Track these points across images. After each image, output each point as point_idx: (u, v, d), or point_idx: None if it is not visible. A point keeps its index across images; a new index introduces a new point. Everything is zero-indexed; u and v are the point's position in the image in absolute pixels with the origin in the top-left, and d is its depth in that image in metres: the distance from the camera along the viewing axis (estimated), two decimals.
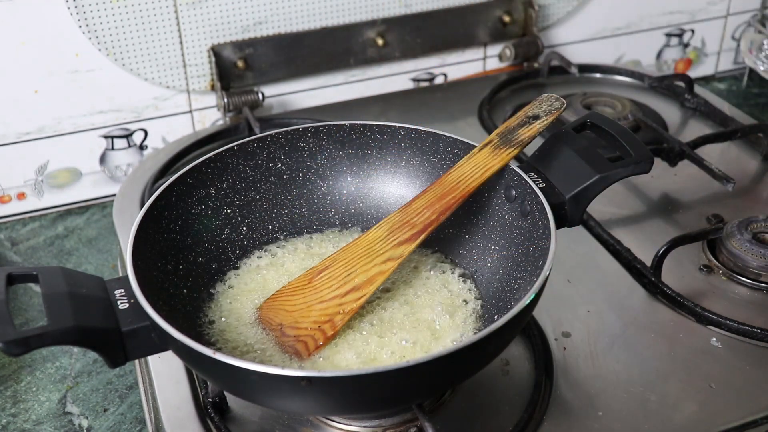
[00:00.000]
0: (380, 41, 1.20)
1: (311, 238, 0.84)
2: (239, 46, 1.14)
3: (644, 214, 1.01)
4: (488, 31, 1.28)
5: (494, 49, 1.32)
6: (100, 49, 1.07)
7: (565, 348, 0.80)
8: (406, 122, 0.83)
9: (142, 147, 1.16)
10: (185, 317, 0.71)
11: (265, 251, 0.82)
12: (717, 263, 0.90)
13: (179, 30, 1.10)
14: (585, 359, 0.78)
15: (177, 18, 1.09)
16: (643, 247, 0.91)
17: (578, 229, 0.94)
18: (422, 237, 0.72)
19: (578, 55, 1.36)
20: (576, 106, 1.17)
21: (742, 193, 1.04)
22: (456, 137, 0.80)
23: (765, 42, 1.36)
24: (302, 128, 0.83)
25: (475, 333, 0.72)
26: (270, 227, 0.83)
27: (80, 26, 1.05)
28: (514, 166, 0.75)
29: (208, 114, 1.18)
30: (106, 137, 1.13)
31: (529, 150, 0.79)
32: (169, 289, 0.71)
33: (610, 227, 0.96)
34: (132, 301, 0.63)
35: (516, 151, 0.74)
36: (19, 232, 1.11)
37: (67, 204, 1.16)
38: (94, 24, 1.06)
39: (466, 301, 0.76)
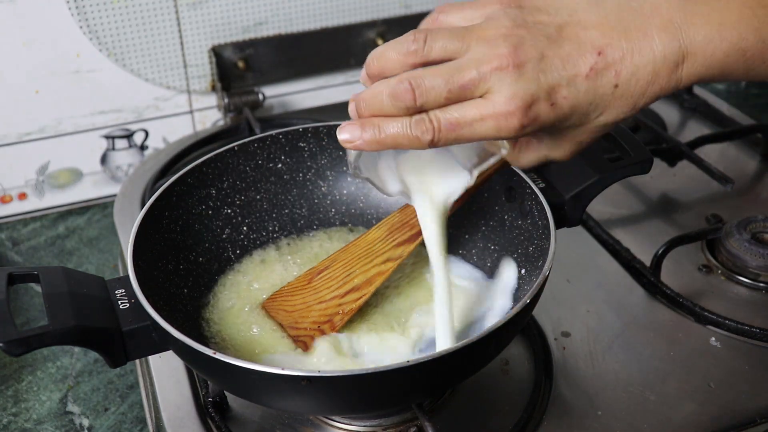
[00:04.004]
0: (380, 42, 1.20)
1: (311, 238, 0.84)
2: (240, 46, 1.14)
3: (643, 214, 1.01)
4: None
5: None
6: (100, 50, 1.08)
7: (564, 348, 0.80)
8: None
9: (142, 147, 1.16)
10: (186, 317, 0.71)
11: (265, 251, 0.82)
12: (716, 263, 0.90)
13: (180, 30, 1.11)
14: (584, 359, 0.78)
15: (177, 18, 1.10)
16: (642, 247, 0.91)
17: (578, 229, 0.94)
18: (421, 238, 0.72)
19: None
20: None
21: (741, 193, 1.04)
22: None
23: None
24: (302, 128, 0.83)
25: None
26: (270, 227, 0.83)
27: (81, 27, 1.05)
28: (514, 166, 0.75)
29: (209, 114, 1.19)
30: (107, 137, 1.14)
31: None
32: (169, 289, 0.72)
33: (610, 227, 0.96)
34: (133, 300, 0.63)
35: None
36: (20, 232, 1.12)
37: (68, 204, 1.16)
38: (95, 24, 1.06)
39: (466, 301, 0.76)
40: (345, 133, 0.56)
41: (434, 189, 0.65)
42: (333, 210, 0.85)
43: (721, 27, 0.55)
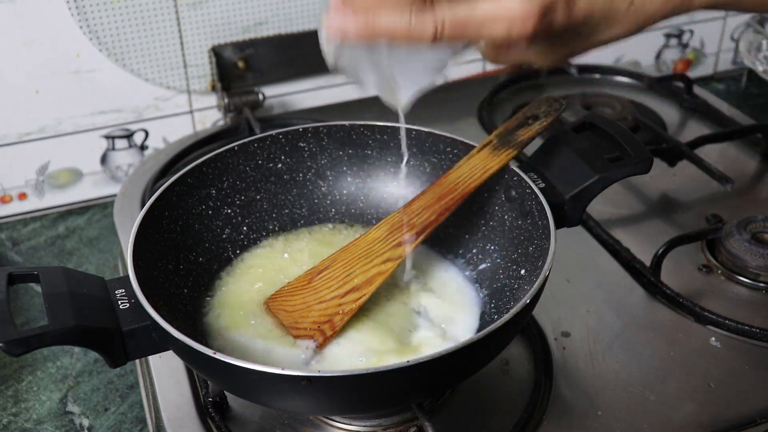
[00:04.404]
0: None
1: (311, 237, 0.84)
2: (240, 46, 1.14)
3: (643, 214, 1.01)
4: None
5: None
6: (100, 50, 1.08)
7: (564, 348, 0.80)
8: (405, 122, 0.83)
9: (142, 147, 1.16)
10: (186, 317, 0.71)
11: (265, 251, 0.82)
12: (716, 263, 0.90)
13: (180, 30, 1.11)
14: (584, 359, 0.78)
15: (177, 18, 1.10)
16: (642, 247, 0.91)
17: (578, 229, 0.94)
18: (421, 238, 0.73)
19: None
20: (575, 107, 1.17)
21: (740, 193, 1.04)
22: (456, 137, 0.80)
23: (764, 43, 1.36)
24: (302, 128, 0.83)
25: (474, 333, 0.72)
26: (270, 227, 0.83)
27: (81, 27, 1.05)
28: (513, 166, 0.75)
29: (209, 114, 1.19)
30: (107, 137, 1.14)
31: (529, 150, 0.80)
32: (169, 288, 0.72)
33: (610, 227, 0.96)
34: (133, 300, 0.63)
35: (515, 152, 0.75)
36: (20, 232, 1.12)
37: (68, 204, 1.16)
38: (95, 24, 1.06)
39: (465, 301, 0.76)
40: (334, 19, 0.50)
41: (412, 81, 0.60)
42: (333, 210, 0.85)
43: None
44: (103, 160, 1.15)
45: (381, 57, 0.56)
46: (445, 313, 0.74)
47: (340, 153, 0.84)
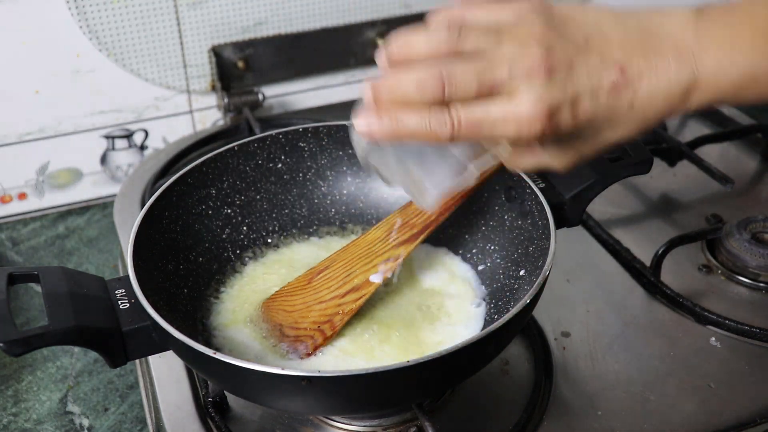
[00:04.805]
0: (380, 42, 1.20)
1: (311, 238, 0.84)
2: (239, 46, 1.14)
3: (643, 214, 1.01)
4: None
5: None
6: (100, 50, 1.08)
7: (564, 348, 0.80)
8: None
9: (142, 147, 1.16)
10: (185, 317, 0.72)
11: (265, 251, 0.82)
12: (716, 263, 0.90)
13: (179, 30, 1.11)
14: (584, 359, 0.78)
15: (177, 18, 1.10)
16: (642, 247, 0.91)
17: (578, 229, 0.94)
18: (421, 237, 0.72)
19: None
20: None
21: (741, 193, 1.04)
22: None
23: None
24: (302, 128, 0.83)
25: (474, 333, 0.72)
26: (270, 227, 0.83)
27: (81, 27, 1.05)
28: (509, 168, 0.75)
29: (209, 114, 1.19)
30: (106, 137, 1.14)
31: None
32: (169, 289, 0.72)
33: (610, 227, 0.96)
34: (133, 300, 0.63)
35: None
36: (20, 232, 1.12)
37: (67, 204, 1.16)
38: (95, 24, 1.06)
39: (465, 301, 0.76)
40: (361, 121, 0.55)
41: (434, 182, 0.63)
42: (333, 210, 0.85)
43: (732, 53, 0.56)
44: (103, 160, 1.15)
45: (408, 161, 0.61)
46: (446, 311, 0.74)
47: (340, 153, 0.84)
